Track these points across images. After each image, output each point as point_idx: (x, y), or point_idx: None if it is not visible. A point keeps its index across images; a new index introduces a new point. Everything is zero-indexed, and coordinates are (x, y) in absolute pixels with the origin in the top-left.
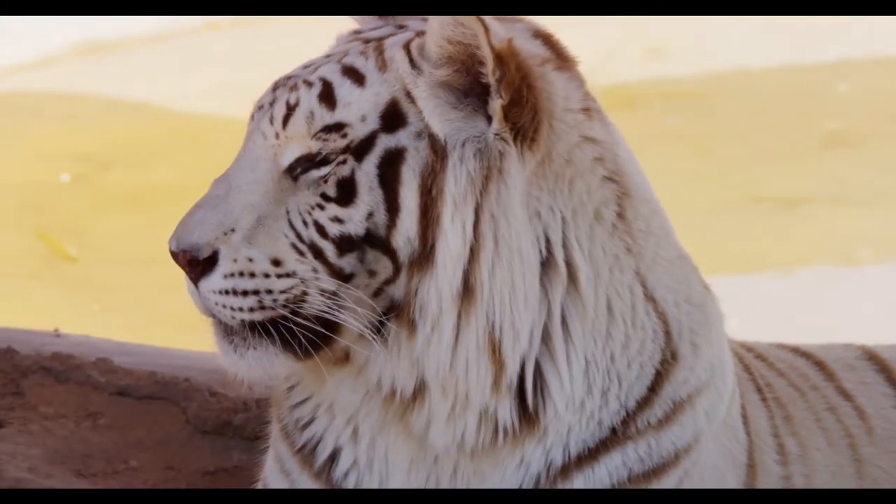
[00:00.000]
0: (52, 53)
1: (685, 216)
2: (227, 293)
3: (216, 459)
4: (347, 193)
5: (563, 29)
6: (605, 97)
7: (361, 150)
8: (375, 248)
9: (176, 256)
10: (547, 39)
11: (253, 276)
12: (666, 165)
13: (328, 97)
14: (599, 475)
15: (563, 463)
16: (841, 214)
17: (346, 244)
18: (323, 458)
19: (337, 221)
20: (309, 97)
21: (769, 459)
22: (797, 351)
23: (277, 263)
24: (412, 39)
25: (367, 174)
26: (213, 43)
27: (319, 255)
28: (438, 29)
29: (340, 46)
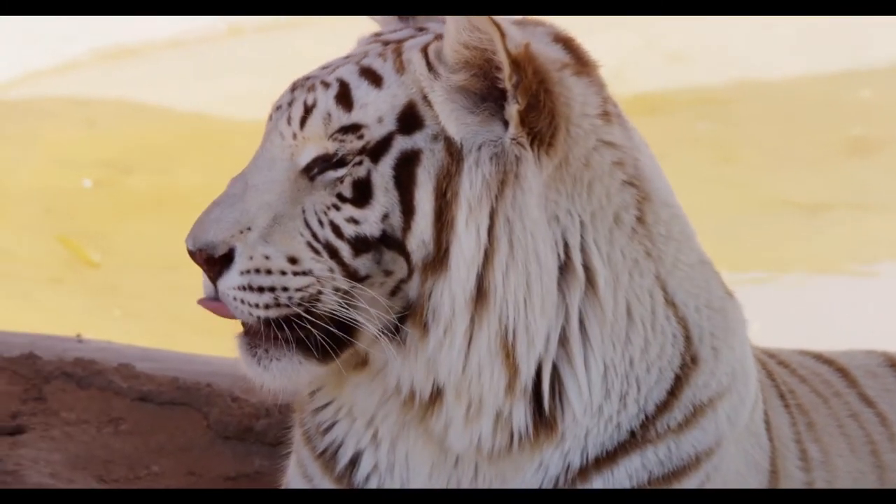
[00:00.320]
0: (74, 58)
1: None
2: (244, 289)
3: (238, 465)
4: (363, 194)
5: (585, 34)
6: (628, 103)
7: (377, 151)
8: (391, 248)
9: (193, 255)
10: (567, 43)
11: (269, 272)
12: (689, 171)
13: (345, 98)
14: (618, 477)
15: (581, 465)
16: (864, 220)
17: (361, 245)
18: (344, 462)
19: (352, 222)
20: (326, 98)
21: (792, 465)
22: (819, 357)
23: (294, 261)
24: (430, 43)
25: (382, 175)
26: (235, 48)
27: (335, 254)
28: (455, 34)
29: (360, 48)
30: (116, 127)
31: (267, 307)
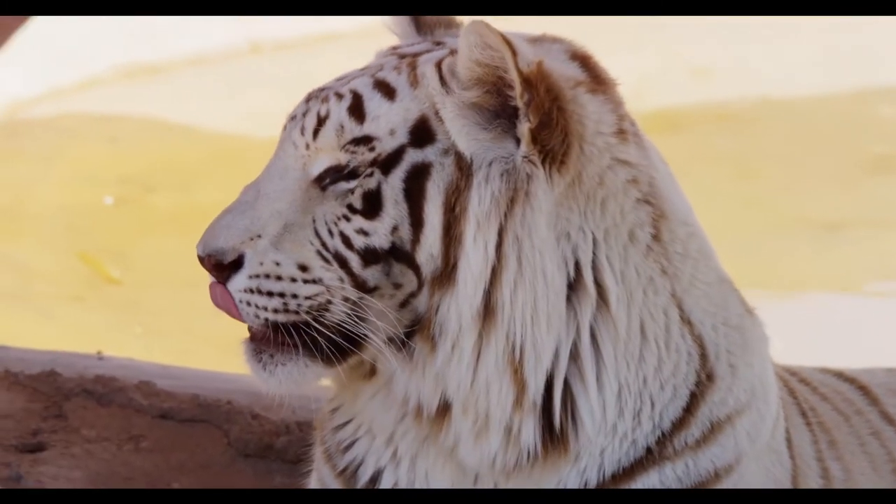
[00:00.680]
0: (95, 76)
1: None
2: (251, 292)
3: (258, 482)
4: (373, 206)
5: (605, 52)
6: (649, 120)
7: (388, 163)
8: (401, 261)
9: (202, 260)
10: (584, 61)
11: (280, 278)
12: (710, 188)
13: (358, 110)
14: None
15: (598, 482)
16: (885, 238)
17: (370, 256)
18: (364, 480)
19: (362, 234)
20: (339, 109)
21: (813, 483)
22: (841, 375)
23: (304, 269)
24: (445, 58)
25: (392, 188)
26: (256, 65)
27: (344, 265)
28: (467, 51)
29: (377, 61)
30: (138, 144)
31: (276, 311)
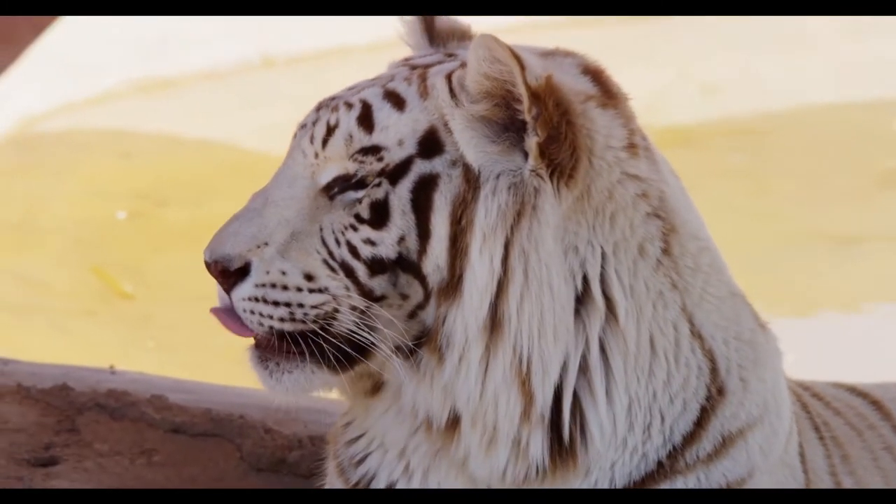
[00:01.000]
0: (109, 90)
1: (743, 254)
2: (256, 300)
3: None
4: (380, 216)
5: (618, 66)
6: (661, 135)
7: (396, 174)
8: (407, 272)
9: (209, 266)
10: (596, 75)
11: (286, 288)
12: (723, 203)
13: (367, 120)
14: None
15: None
16: None
17: (377, 266)
18: None
19: (369, 243)
20: (348, 119)
21: None
22: (854, 390)
23: (310, 278)
24: (455, 70)
25: (400, 198)
26: (269, 80)
27: (350, 274)
28: (476, 65)
29: (388, 71)
30: (151, 159)
31: (282, 320)
